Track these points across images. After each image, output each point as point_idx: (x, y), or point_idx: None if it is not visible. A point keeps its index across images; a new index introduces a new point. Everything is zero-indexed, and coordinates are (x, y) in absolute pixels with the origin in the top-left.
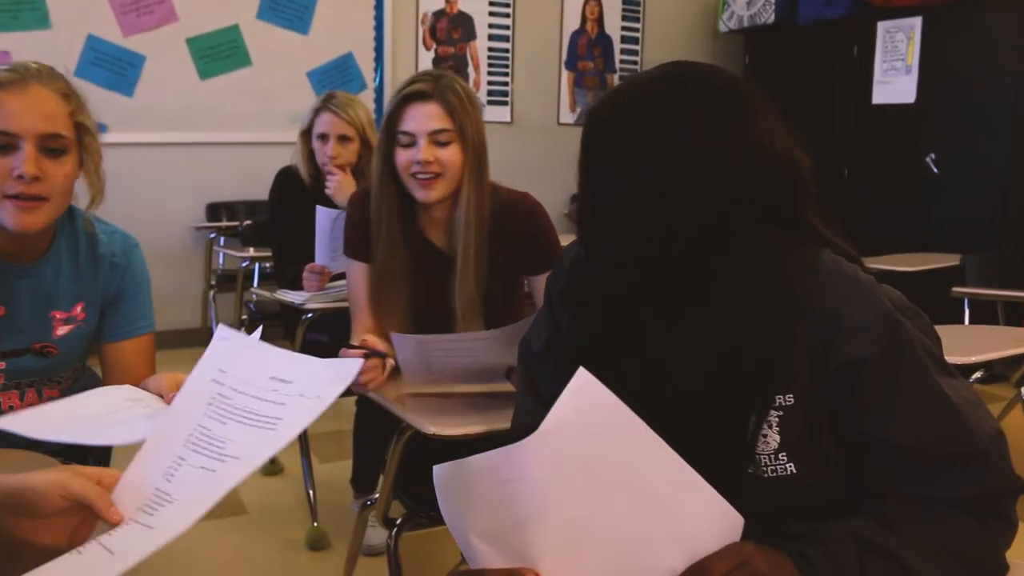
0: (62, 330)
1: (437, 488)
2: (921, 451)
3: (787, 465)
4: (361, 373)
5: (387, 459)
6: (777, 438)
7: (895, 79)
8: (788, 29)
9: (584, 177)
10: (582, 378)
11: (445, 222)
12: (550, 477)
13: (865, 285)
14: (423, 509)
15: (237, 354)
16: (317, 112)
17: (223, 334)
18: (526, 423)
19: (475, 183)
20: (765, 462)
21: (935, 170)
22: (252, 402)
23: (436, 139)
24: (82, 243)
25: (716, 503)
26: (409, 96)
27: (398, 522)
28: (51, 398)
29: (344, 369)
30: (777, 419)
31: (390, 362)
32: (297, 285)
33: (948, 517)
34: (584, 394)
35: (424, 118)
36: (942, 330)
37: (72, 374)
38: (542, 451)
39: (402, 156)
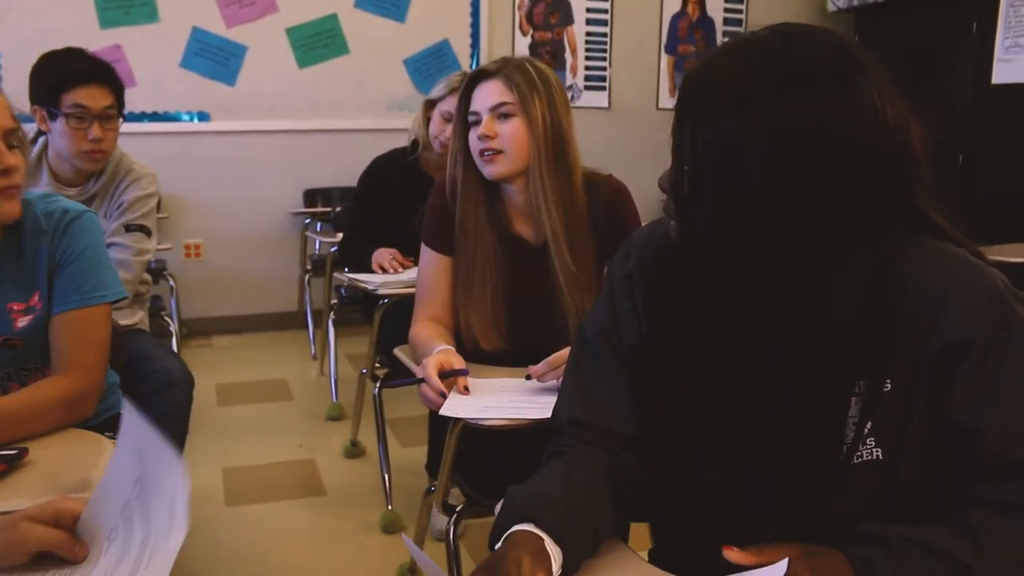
0: (23, 321)
1: None
2: (1020, 448)
3: (874, 450)
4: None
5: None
6: (868, 423)
7: (1019, 57)
8: (902, 5)
9: (680, 144)
10: None
11: (529, 210)
12: None
13: (973, 263)
14: (482, 498)
15: (147, 438)
16: (454, 92)
17: (129, 408)
18: (564, 415)
19: (549, 165)
20: (847, 447)
21: None
22: (154, 521)
23: (497, 112)
24: (26, 230)
25: None
26: (475, 78)
27: (458, 509)
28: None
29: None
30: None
31: (463, 381)
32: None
33: None
34: None
35: (487, 94)
36: None
37: (44, 360)
38: None
39: (471, 136)
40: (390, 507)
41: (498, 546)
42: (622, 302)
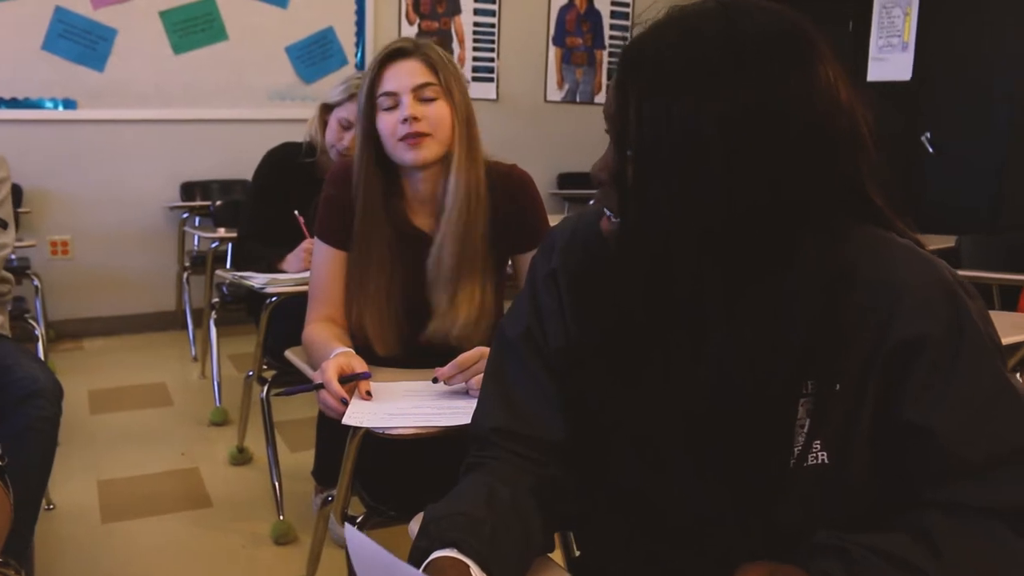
0: None
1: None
2: (975, 449)
3: (820, 454)
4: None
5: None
6: (817, 425)
7: (891, 56)
8: (780, 3)
9: (622, 126)
10: None
11: (433, 201)
12: None
13: (923, 256)
14: (383, 508)
15: None
16: (353, 98)
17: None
18: (487, 423)
19: (466, 150)
20: (797, 451)
21: (931, 150)
22: None
23: (421, 95)
24: None
25: None
26: (388, 56)
27: (358, 520)
28: None
29: None
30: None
31: (366, 385)
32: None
33: (1001, 537)
34: None
35: (406, 74)
36: None
37: None
38: None
39: (386, 120)
40: (282, 517)
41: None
42: (547, 301)
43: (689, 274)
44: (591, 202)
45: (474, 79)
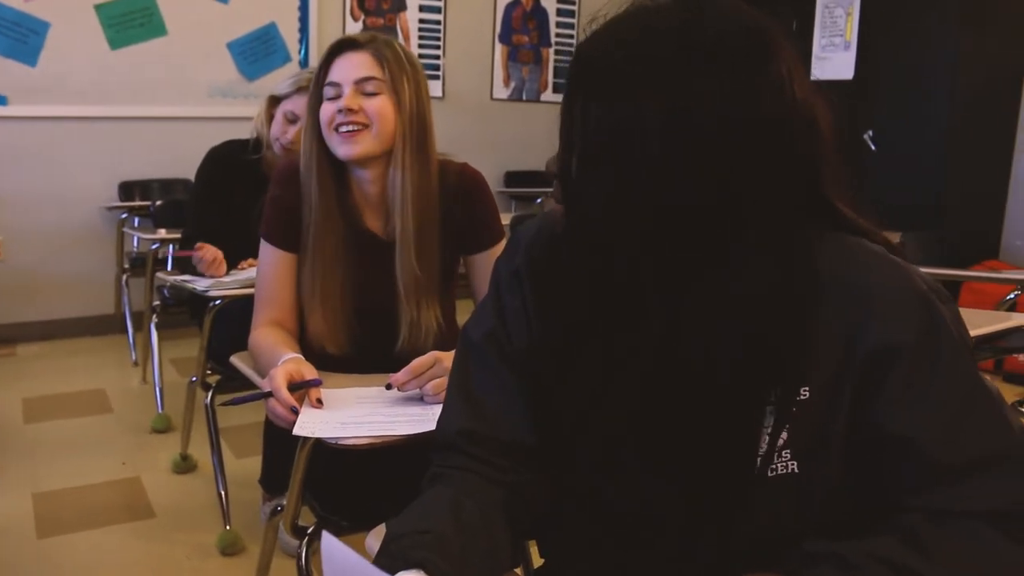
0: None
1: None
2: (955, 454)
3: (789, 463)
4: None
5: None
6: (784, 434)
7: (833, 55)
8: None
9: (570, 122)
10: None
11: (383, 203)
12: None
13: (894, 262)
14: (335, 517)
15: None
16: (301, 91)
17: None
18: (452, 426)
19: (413, 151)
20: (762, 459)
21: (873, 148)
22: None
23: (363, 88)
24: None
25: None
26: (339, 47)
27: (309, 531)
28: None
29: None
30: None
31: (316, 393)
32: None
33: (987, 538)
34: None
35: (351, 67)
36: None
37: None
38: None
39: (326, 109)
40: (228, 527)
41: None
42: (509, 300)
43: (626, 268)
44: (538, 200)
45: None
